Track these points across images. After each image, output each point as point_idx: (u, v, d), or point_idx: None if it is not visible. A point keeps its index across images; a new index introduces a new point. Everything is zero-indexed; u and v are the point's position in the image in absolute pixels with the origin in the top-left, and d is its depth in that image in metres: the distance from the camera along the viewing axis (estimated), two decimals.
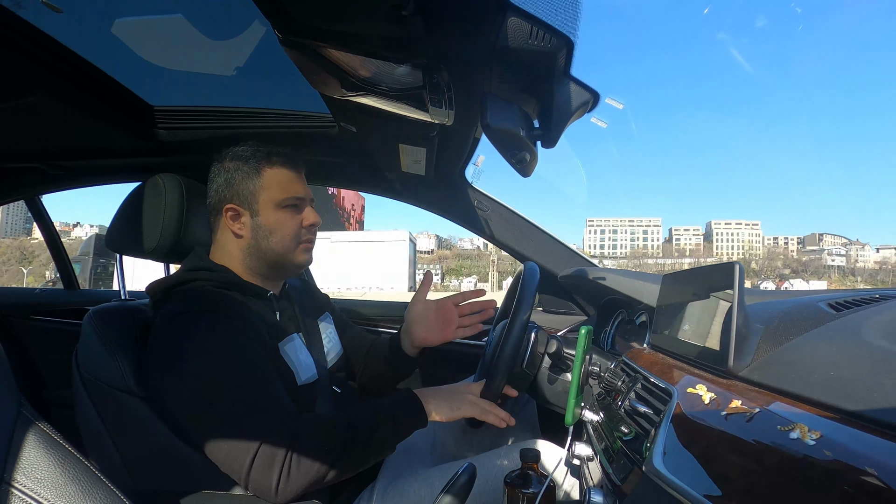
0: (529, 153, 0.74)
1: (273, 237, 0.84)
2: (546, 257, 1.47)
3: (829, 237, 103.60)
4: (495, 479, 0.82)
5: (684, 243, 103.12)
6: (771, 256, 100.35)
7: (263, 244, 0.84)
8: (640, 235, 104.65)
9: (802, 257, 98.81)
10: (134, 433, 0.78)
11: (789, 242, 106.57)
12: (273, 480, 0.64)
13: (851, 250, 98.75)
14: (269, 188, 0.83)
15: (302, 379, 0.82)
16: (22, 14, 0.86)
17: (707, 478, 0.41)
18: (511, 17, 0.53)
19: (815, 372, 0.44)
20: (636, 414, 0.61)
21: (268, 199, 0.83)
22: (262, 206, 0.83)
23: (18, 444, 0.39)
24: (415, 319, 0.96)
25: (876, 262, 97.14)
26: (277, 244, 0.84)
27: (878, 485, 0.30)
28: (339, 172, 1.50)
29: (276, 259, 0.85)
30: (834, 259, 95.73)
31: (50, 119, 1.20)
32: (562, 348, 0.95)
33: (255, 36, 0.99)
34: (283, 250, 0.85)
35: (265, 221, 0.84)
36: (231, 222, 0.84)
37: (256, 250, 0.84)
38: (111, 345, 0.79)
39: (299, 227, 0.86)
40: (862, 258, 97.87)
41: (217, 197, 0.85)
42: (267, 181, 0.83)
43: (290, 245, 0.85)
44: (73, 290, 1.80)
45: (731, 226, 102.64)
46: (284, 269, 0.88)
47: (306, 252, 0.88)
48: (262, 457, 0.64)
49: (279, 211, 0.84)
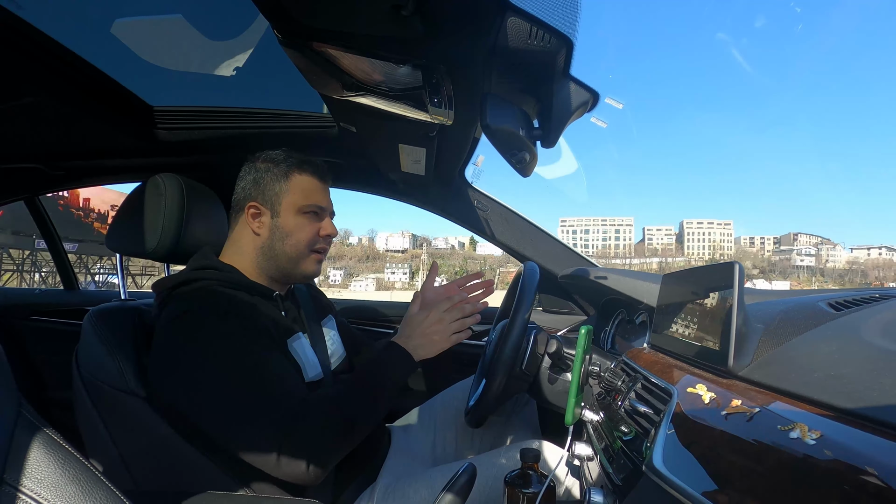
0: (529, 153, 0.74)
1: (289, 240, 0.86)
2: (546, 257, 1.48)
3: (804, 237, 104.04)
4: (495, 478, 0.82)
5: (657, 243, 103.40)
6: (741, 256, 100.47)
7: (278, 245, 0.86)
8: (612, 235, 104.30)
9: (773, 257, 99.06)
10: (134, 433, 0.77)
11: (766, 242, 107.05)
12: (302, 466, 0.67)
13: (822, 250, 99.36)
14: (294, 192, 0.85)
15: (309, 376, 0.83)
16: (22, 14, 0.86)
17: (707, 477, 0.41)
18: (511, 17, 0.53)
19: (816, 371, 0.44)
20: (636, 414, 0.61)
21: (291, 202, 0.85)
22: (285, 208, 0.85)
23: (18, 444, 0.39)
24: (425, 305, 0.96)
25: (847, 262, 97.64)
26: (291, 248, 0.86)
27: (879, 484, 0.30)
28: (339, 172, 1.50)
29: (287, 263, 0.86)
30: (803, 259, 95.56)
31: (50, 119, 1.20)
32: (562, 348, 0.95)
33: (255, 36, 1.00)
34: (296, 255, 0.86)
35: (284, 223, 0.85)
36: (251, 220, 0.86)
37: (270, 251, 0.86)
38: (111, 345, 0.79)
39: (315, 235, 0.88)
40: (832, 258, 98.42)
41: (242, 194, 0.87)
42: (294, 185, 0.86)
43: (304, 251, 0.87)
44: (73, 290, 1.80)
45: (702, 225, 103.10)
46: (292, 277, 0.89)
47: (317, 263, 0.90)
48: (288, 446, 0.67)
49: (299, 216, 0.86)
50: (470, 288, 0.97)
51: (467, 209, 1.48)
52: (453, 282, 0.98)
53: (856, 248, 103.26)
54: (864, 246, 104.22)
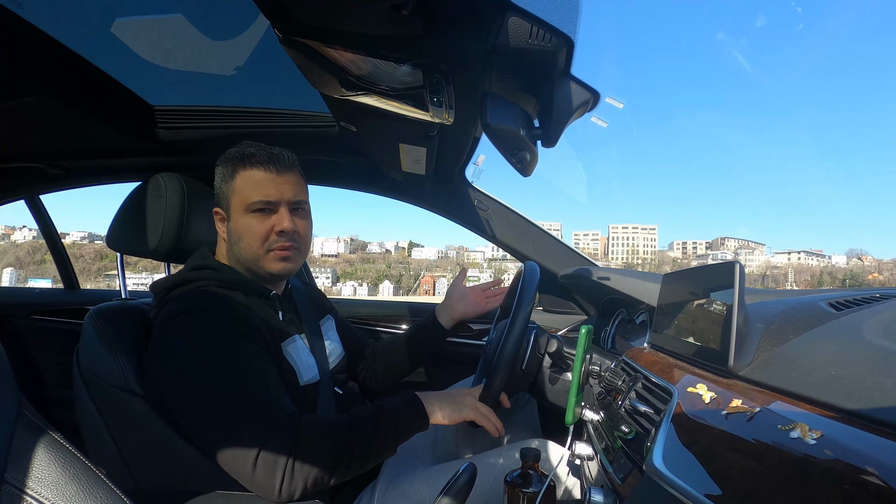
0: (529, 153, 0.74)
1: (241, 243, 0.81)
2: (546, 257, 1.48)
3: (732, 241, 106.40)
4: (496, 478, 0.82)
5: (583, 247, 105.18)
6: (661, 261, 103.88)
7: (235, 250, 0.82)
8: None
9: (693, 262, 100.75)
10: (135, 433, 0.77)
11: (697, 247, 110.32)
12: (276, 482, 0.64)
13: (741, 253, 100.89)
14: (241, 191, 0.80)
15: (304, 379, 0.82)
16: (22, 13, 0.86)
17: (707, 477, 0.41)
18: (511, 17, 0.53)
19: (816, 371, 0.44)
20: (636, 413, 0.61)
21: (239, 202, 0.80)
22: (234, 209, 0.81)
23: (19, 443, 0.39)
24: (458, 298, 1.15)
25: (764, 266, 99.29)
26: (245, 250, 0.81)
27: (879, 484, 0.30)
28: (339, 172, 1.50)
29: (249, 265, 0.83)
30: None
31: (50, 119, 1.20)
32: (562, 348, 0.95)
33: (255, 36, 0.99)
34: (252, 257, 0.81)
35: (234, 226, 0.81)
36: (220, 226, 0.84)
37: (233, 255, 0.84)
38: (112, 344, 0.79)
39: (267, 233, 0.80)
40: (750, 262, 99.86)
41: (215, 199, 0.85)
42: (239, 183, 0.80)
43: (258, 252, 0.81)
44: (73, 289, 1.80)
45: (627, 230, 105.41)
46: (262, 278, 0.85)
47: (280, 260, 0.82)
48: (264, 458, 0.64)
49: (248, 215, 0.80)
50: (489, 292, 1.17)
51: (468, 209, 1.48)
52: (479, 285, 1.18)
53: (779, 252, 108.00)
54: (786, 251, 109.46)
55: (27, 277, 60.21)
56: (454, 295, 1.15)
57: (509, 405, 0.90)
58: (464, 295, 1.15)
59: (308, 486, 0.66)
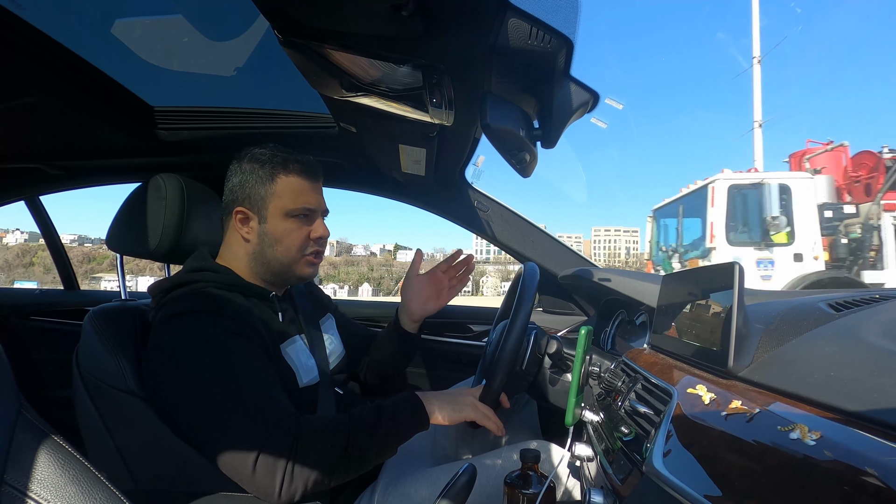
0: (529, 153, 0.74)
1: (278, 246, 0.83)
2: (546, 257, 1.48)
3: None
4: (496, 479, 0.82)
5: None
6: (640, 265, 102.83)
7: (268, 252, 0.84)
8: None
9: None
10: (134, 433, 0.77)
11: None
12: (276, 483, 0.64)
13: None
14: (281, 196, 0.82)
15: (304, 381, 0.82)
16: (22, 14, 0.86)
17: (707, 478, 0.41)
18: (511, 18, 0.53)
19: (815, 372, 0.44)
20: (636, 414, 0.61)
21: (278, 206, 0.82)
22: (272, 213, 0.82)
23: (18, 444, 0.39)
24: (411, 296, 1.02)
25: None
26: (282, 254, 0.84)
27: (879, 485, 0.30)
28: (339, 172, 1.50)
29: (280, 269, 0.85)
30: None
31: (50, 119, 1.20)
32: (562, 348, 0.95)
33: (255, 36, 0.99)
34: (288, 261, 0.84)
35: (272, 229, 0.83)
36: (240, 226, 0.84)
37: (261, 257, 0.84)
38: (112, 345, 0.79)
39: (306, 239, 0.85)
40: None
41: (230, 197, 0.84)
42: (280, 188, 0.82)
43: (295, 256, 0.85)
44: (73, 290, 1.80)
45: (609, 233, 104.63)
46: (288, 280, 0.89)
47: (310, 266, 0.87)
48: (264, 460, 0.64)
49: (287, 220, 0.83)
50: (451, 271, 1.03)
51: (468, 209, 1.48)
52: (436, 268, 1.03)
53: None
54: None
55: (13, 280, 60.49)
56: (407, 293, 1.02)
57: (509, 405, 0.90)
58: (418, 290, 1.02)
59: (308, 487, 0.66)
